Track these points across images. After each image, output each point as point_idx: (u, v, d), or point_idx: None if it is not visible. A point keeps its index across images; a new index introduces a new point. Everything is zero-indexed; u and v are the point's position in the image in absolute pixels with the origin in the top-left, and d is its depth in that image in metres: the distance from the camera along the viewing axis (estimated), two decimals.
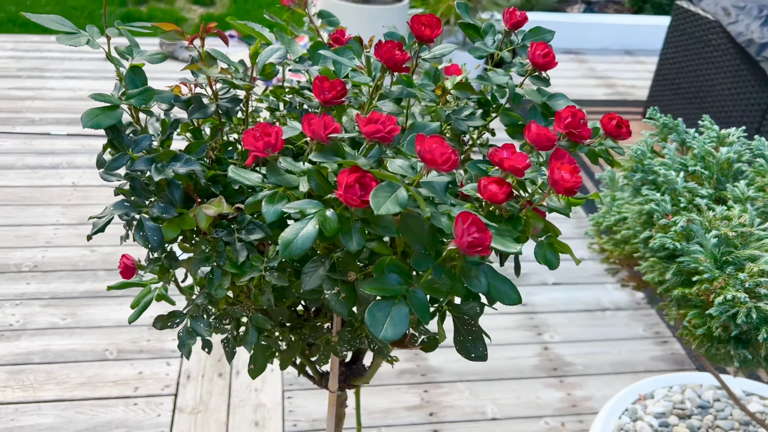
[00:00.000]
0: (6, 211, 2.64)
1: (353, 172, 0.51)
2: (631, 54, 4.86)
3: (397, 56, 0.61)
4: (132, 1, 5.34)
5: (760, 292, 0.70)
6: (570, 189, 0.55)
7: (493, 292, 0.55)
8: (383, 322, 0.51)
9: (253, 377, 0.75)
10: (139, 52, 0.65)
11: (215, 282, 0.64)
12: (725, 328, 0.73)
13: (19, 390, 1.89)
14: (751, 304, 0.69)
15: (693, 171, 0.83)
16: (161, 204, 0.62)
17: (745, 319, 0.69)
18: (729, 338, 0.74)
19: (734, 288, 0.69)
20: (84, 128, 0.61)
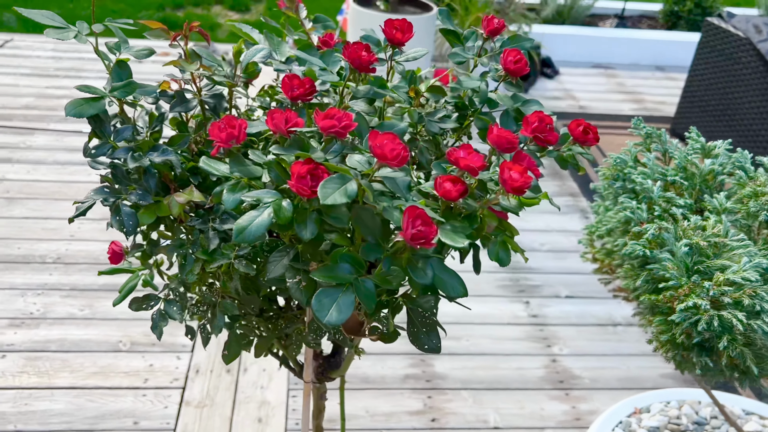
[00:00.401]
0: (35, 204, 2.74)
1: (306, 164, 0.54)
2: (662, 70, 4.81)
3: (363, 57, 0.64)
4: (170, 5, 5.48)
5: (724, 301, 0.70)
6: (518, 188, 0.57)
7: (440, 284, 0.57)
8: (329, 308, 0.54)
9: (227, 362, 0.78)
10: (126, 47, 0.69)
11: (187, 267, 0.67)
12: (688, 335, 0.73)
13: (34, 376, 1.95)
14: (713, 312, 0.69)
15: (672, 181, 0.84)
16: (139, 191, 0.66)
17: (706, 327, 0.69)
18: (692, 345, 0.74)
19: (698, 296, 0.70)
20: (66, 116, 0.65)
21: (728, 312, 0.68)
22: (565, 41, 4.70)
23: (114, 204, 0.65)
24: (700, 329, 0.69)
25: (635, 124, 0.93)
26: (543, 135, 0.69)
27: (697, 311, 0.70)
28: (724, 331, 0.70)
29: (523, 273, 2.60)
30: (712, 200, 0.80)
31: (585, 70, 4.70)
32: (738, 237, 0.75)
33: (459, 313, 2.35)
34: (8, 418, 1.81)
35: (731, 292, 0.69)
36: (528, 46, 0.79)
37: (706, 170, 0.85)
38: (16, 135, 3.27)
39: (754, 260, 0.71)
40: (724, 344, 0.69)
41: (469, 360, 2.16)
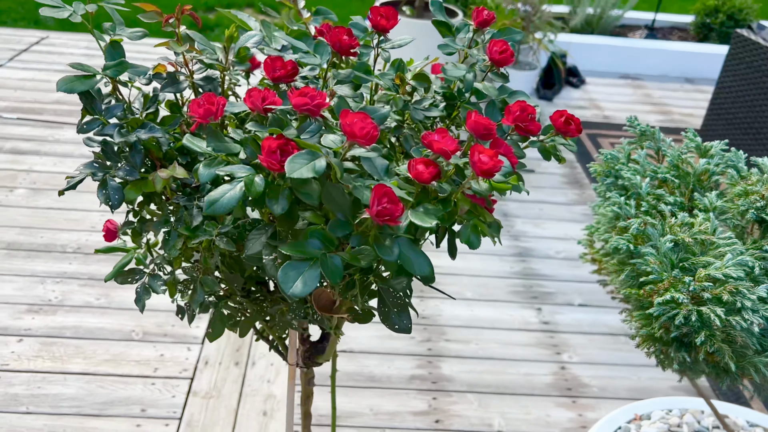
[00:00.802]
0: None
1: (277, 139, 0.55)
2: (691, 82, 4.74)
3: (344, 41, 0.65)
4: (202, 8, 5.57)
5: (705, 296, 0.69)
6: (487, 171, 0.58)
7: (406, 262, 0.57)
8: (294, 280, 0.55)
9: (211, 340, 0.80)
10: (121, 29, 0.71)
11: (170, 243, 0.69)
12: (666, 330, 0.72)
13: (48, 360, 2.00)
14: (691, 307, 0.69)
15: (664, 179, 0.84)
16: (127, 167, 0.68)
17: (684, 321, 0.69)
18: (671, 340, 0.73)
19: (678, 290, 0.69)
20: (57, 91, 0.68)
21: (707, 308, 0.67)
22: (593, 51, 4.67)
23: (102, 178, 0.68)
24: (677, 323, 0.68)
25: (629, 122, 0.93)
26: (524, 124, 0.69)
27: (676, 305, 0.69)
28: (703, 326, 0.69)
29: (536, 279, 2.58)
30: (702, 199, 0.80)
31: (612, 80, 4.66)
32: (725, 235, 0.74)
33: (469, 317, 2.35)
34: (21, 400, 1.86)
35: (711, 288, 0.69)
36: (517, 39, 0.80)
37: (701, 169, 0.84)
38: (45, 128, 3.36)
39: (738, 257, 0.70)
40: (702, 339, 0.69)
41: (477, 364, 2.15)
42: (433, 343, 2.22)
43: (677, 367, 0.76)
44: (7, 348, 2.03)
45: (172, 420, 1.85)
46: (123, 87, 0.73)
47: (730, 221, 0.82)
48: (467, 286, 2.51)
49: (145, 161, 0.73)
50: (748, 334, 0.70)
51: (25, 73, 3.95)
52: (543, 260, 2.71)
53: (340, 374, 2.05)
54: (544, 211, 3.05)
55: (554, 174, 3.39)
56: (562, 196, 3.19)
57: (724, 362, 0.70)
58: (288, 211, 0.62)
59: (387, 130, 0.77)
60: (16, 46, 4.35)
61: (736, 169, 0.84)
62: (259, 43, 0.77)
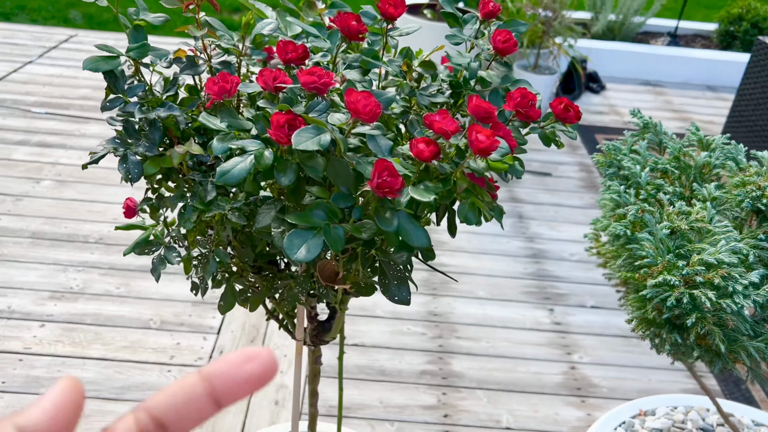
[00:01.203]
0: (84, 187, 2.88)
1: (286, 115, 0.59)
2: (713, 90, 4.72)
3: (353, 26, 0.69)
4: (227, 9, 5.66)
5: (697, 280, 0.71)
6: (484, 150, 0.61)
7: (404, 233, 0.61)
8: (299, 247, 0.58)
9: (222, 313, 0.84)
10: (144, 13, 0.75)
11: (185, 216, 0.73)
12: (659, 312, 0.74)
13: (69, 345, 2.06)
14: (684, 290, 0.71)
15: (664, 170, 0.86)
16: (146, 144, 0.72)
17: (675, 303, 0.71)
18: (663, 322, 0.75)
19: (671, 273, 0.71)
20: (83, 70, 0.72)
21: (699, 291, 0.69)
22: (615, 57, 4.67)
23: (123, 153, 0.72)
24: (669, 305, 0.71)
25: (633, 114, 0.95)
26: (524, 110, 0.72)
27: (669, 288, 0.72)
28: (694, 309, 0.71)
29: (549, 281, 2.60)
30: (701, 190, 0.82)
31: (633, 86, 4.65)
32: (722, 224, 0.76)
33: (481, 315, 2.37)
34: (41, 382, 1.92)
35: (704, 273, 0.71)
36: (522, 30, 0.83)
37: (702, 162, 0.86)
38: (71, 123, 3.44)
39: (731, 244, 0.72)
40: (692, 321, 0.71)
41: (487, 361, 2.18)
42: (444, 340, 2.24)
43: (669, 348, 0.78)
44: (29, 332, 2.09)
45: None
46: (145, 69, 0.78)
47: (729, 212, 0.83)
48: (480, 286, 2.53)
49: (164, 140, 0.77)
50: (739, 317, 0.72)
51: (53, 69, 4.05)
52: (557, 262, 2.72)
53: (352, 367, 2.08)
54: (560, 214, 3.06)
55: (572, 178, 3.40)
56: (578, 199, 3.20)
57: (715, 345, 0.72)
58: (295, 185, 0.65)
59: (394, 116, 0.80)
60: (46, 44, 4.46)
61: (735, 161, 0.86)
62: (274, 30, 0.81)
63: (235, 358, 0.29)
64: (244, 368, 0.29)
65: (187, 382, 0.29)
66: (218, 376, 0.29)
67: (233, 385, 0.29)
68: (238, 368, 0.29)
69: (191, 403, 0.28)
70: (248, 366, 0.29)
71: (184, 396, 0.28)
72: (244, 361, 0.29)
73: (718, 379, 2.20)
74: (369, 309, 2.34)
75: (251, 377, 0.29)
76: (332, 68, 0.74)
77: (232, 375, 0.29)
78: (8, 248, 2.45)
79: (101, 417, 1.82)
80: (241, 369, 0.29)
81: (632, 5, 4.79)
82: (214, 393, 0.29)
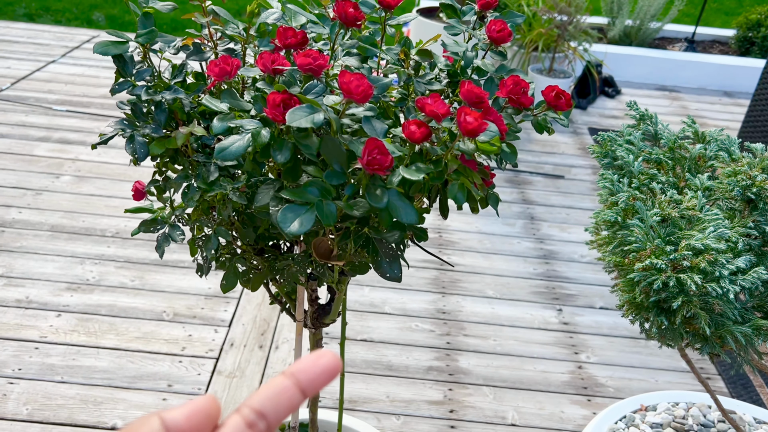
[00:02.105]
0: (102, 183, 2.94)
1: (282, 95, 0.62)
2: (730, 96, 4.70)
3: (350, 12, 0.72)
4: None
5: (684, 264, 0.73)
6: (471, 131, 0.63)
7: (394, 210, 0.63)
8: (292, 221, 0.61)
9: (224, 291, 0.87)
10: (153, 1, 0.79)
11: (189, 195, 0.76)
12: (647, 295, 0.76)
13: (84, 335, 2.11)
14: (670, 273, 0.73)
15: (658, 160, 0.87)
16: (152, 125, 0.76)
17: (661, 286, 0.72)
18: (651, 305, 0.77)
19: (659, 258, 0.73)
20: (93, 53, 0.76)
21: (686, 275, 0.71)
22: (630, 62, 4.66)
23: (130, 134, 0.75)
24: (656, 288, 0.72)
25: (629, 106, 0.97)
26: (517, 97, 0.75)
27: (656, 272, 0.73)
28: (681, 292, 0.73)
29: (559, 282, 2.61)
30: (693, 180, 0.83)
31: (649, 91, 4.64)
32: (713, 212, 0.78)
33: (489, 314, 2.38)
34: (56, 370, 1.97)
35: (691, 258, 0.72)
36: (519, 22, 0.85)
37: (696, 153, 0.88)
38: (92, 121, 3.51)
39: (719, 231, 0.73)
40: (678, 304, 0.72)
41: (494, 359, 2.19)
42: (452, 337, 2.26)
43: (656, 331, 0.79)
44: (46, 322, 2.14)
45: (196, 396, 1.92)
46: (154, 55, 0.81)
47: (724, 203, 0.85)
48: (489, 285, 2.55)
49: (170, 123, 0.81)
50: (726, 302, 0.74)
51: (75, 69, 4.14)
52: (567, 263, 2.73)
53: (360, 361, 2.11)
54: (571, 216, 3.07)
55: (584, 181, 3.41)
56: (590, 202, 3.21)
57: (701, 328, 0.74)
58: (292, 165, 0.68)
59: (393, 103, 0.83)
60: (69, 44, 4.55)
61: (728, 152, 0.88)
62: (278, 19, 0.84)
63: (310, 357, 0.37)
64: (319, 362, 0.36)
65: (277, 380, 0.36)
66: (301, 371, 0.36)
67: (314, 376, 0.36)
68: (314, 363, 0.36)
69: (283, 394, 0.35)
70: (321, 361, 0.36)
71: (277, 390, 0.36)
72: (317, 358, 0.36)
73: (725, 381, 2.19)
74: (378, 306, 2.37)
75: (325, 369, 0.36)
76: (331, 55, 0.77)
77: (312, 369, 0.36)
78: (28, 240, 2.51)
79: (113, 405, 1.87)
80: (317, 363, 0.36)
81: (649, 10, 4.78)
82: (299, 384, 0.36)
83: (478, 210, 0.80)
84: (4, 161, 3.05)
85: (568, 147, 3.76)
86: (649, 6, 4.79)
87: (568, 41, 3.83)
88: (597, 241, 1.18)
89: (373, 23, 0.82)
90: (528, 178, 3.40)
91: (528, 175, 3.42)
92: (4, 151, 3.15)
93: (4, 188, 2.84)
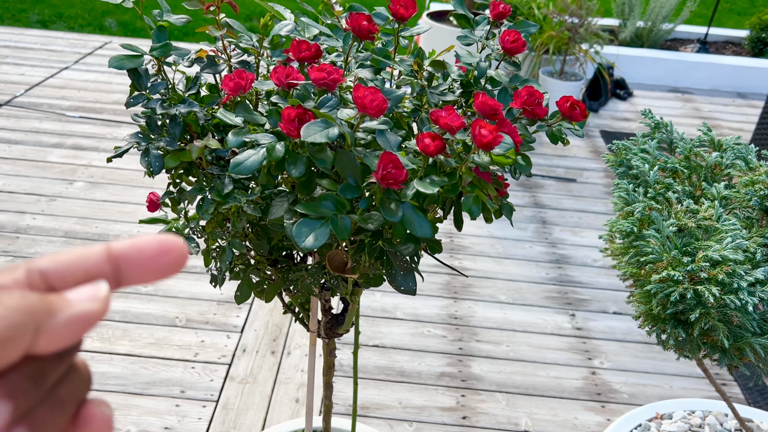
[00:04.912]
0: (115, 189, 2.96)
1: (296, 109, 0.62)
2: (743, 97, 4.66)
3: (364, 26, 0.72)
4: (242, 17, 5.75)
5: (702, 276, 0.72)
6: (486, 144, 0.63)
7: (409, 224, 0.63)
8: (307, 235, 0.61)
9: (238, 302, 0.87)
10: (167, 15, 0.79)
11: (204, 208, 0.76)
12: (664, 307, 0.75)
13: (97, 341, 2.12)
14: (688, 285, 0.72)
15: (674, 168, 0.87)
16: (167, 138, 0.76)
17: (679, 298, 0.72)
18: (668, 317, 0.76)
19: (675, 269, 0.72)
20: (109, 68, 0.76)
21: (703, 287, 0.70)
22: (642, 64, 4.64)
23: (145, 148, 0.75)
24: (673, 300, 0.71)
25: (644, 114, 0.97)
26: (531, 108, 0.74)
27: (673, 283, 0.73)
28: (698, 304, 0.72)
29: (571, 286, 2.59)
30: (710, 189, 0.82)
31: (661, 93, 4.61)
32: (730, 222, 0.77)
33: (501, 319, 2.37)
34: None
35: (709, 269, 0.72)
36: (533, 32, 0.85)
37: (712, 162, 0.87)
38: (104, 126, 3.54)
39: (737, 241, 0.73)
40: (696, 316, 0.71)
41: (507, 365, 2.18)
42: (464, 343, 2.25)
43: (673, 343, 0.78)
44: None
45: (209, 402, 1.93)
46: (169, 70, 0.81)
47: (741, 212, 0.84)
48: (502, 290, 2.54)
49: (185, 136, 0.81)
50: (744, 314, 0.73)
51: (88, 75, 4.17)
52: (579, 268, 2.71)
53: (372, 367, 2.11)
54: (583, 220, 3.05)
55: (596, 184, 3.39)
56: (602, 205, 3.19)
57: (720, 340, 0.73)
58: (306, 178, 0.68)
59: (406, 114, 0.83)
60: (82, 50, 4.58)
61: (745, 161, 0.87)
62: (291, 31, 0.84)
63: (149, 247, 0.28)
64: (158, 260, 0.28)
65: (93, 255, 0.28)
66: (127, 261, 0.27)
67: (141, 273, 0.28)
68: (151, 259, 0.28)
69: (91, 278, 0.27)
70: (162, 259, 0.28)
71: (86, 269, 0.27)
72: (158, 253, 0.28)
73: (741, 388, 2.17)
74: (390, 311, 2.37)
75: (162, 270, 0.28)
76: (345, 67, 0.77)
77: (144, 264, 0.28)
78: (42, 246, 2.53)
79: (127, 411, 1.87)
80: (155, 260, 0.28)
81: (661, 12, 4.76)
82: (117, 274, 0.28)
83: (492, 220, 0.80)
84: (18, 167, 3.08)
85: (580, 150, 3.75)
86: (661, 7, 4.76)
87: (579, 43, 3.81)
88: (611, 249, 1.17)
89: (385, 35, 0.82)
90: (539, 181, 3.39)
91: (539, 179, 3.41)
92: (18, 157, 3.17)
93: (19, 194, 2.87)
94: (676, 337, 0.77)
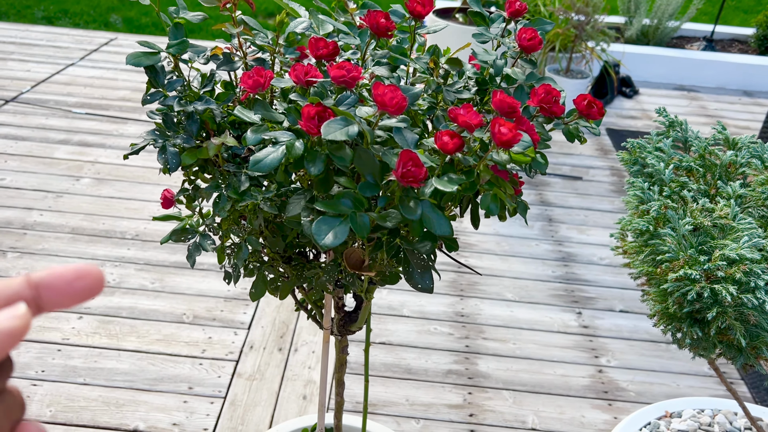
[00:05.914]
0: (122, 185, 2.96)
1: (316, 107, 0.62)
2: (750, 95, 4.65)
3: (382, 23, 0.72)
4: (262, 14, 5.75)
5: (718, 275, 0.72)
6: (506, 142, 0.63)
7: (427, 222, 0.63)
8: (326, 233, 0.61)
9: (253, 299, 0.87)
10: (184, 12, 0.79)
11: (220, 205, 0.76)
12: (680, 306, 0.75)
13: (105, 337, 2.12)
14: (704, 284, 0.72)
15: (688, 167, 0.86)
16: (184, 135, 0.76)
17: (695, 297, 0.72)
18: (684, 316, 0.76)
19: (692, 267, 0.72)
20: (126, 64, 0.76)
21: (720, 285, 0.70)
22: (648, 62, 4.63)
23: (162, 145, 0.76)
24: (690, 299, 0.71)
25: (658, 112, 0.96)
26: (548, 106, 0.74)
27: (690, 282, 0.72)
28: (715, 303, 0.72)
29: (578, 284, 2.59)
30: (726, 188, 0.82)
31: (667, 91, 4.60)
32: (746, 221, 0.77)
33: (508, 317, 2.37)
34: (79, 371, 1.98)
35: (725, 268, 0.72)
36: (548, 29, 0.85)
37: (727, 160, 0.87)
38: (111, 123, 3.54)
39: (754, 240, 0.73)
40: (713, 314, 0.71)
41: (513, 363, 2.18)
42: (471, 341, 2.26)
43: (689, 342, 0.78)
44: (68, 324, 2.16)
45: (216, 398, 1.94)
46: (184, 65, 0.81)
47: (756, 210, 0.84)
48: (508, 288, 2.54)
49: (201, 133, 0.81)
50: (761, 313, 0.73)
51: (94, 72, 4.17)
52: (586, 266, 2.71)
53: (379, 365, 2.11)
54: (590, 218, 3.05)
55: (602, 182, 3.39)
56: (608, 203, 3.18)
57: (736, 339, 0.73)
58: (324, 176, 0.68)
59: (421, 112, 0.83)
60: (87, 47, 4.59)
61: (761, 159, 0.87)
62: (307, 29, 0.84)
63: (66, 273, 0.30)
64: (74, 285, 0.30)
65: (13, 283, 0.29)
66: (47, 287, 0.29)
67: (60, 297, 0.30)
68: (68, 284, 0.29)
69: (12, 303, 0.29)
70: (79, 283, 0.30)
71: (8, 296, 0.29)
72: (75, 278, 0.30)
73: (749, 386, 2.17)
74: (396, 308, 2.37)
75: (79, 294, 0.30)
76: (361, 64, 0.77)
77: (62, 289, 0.29)
78: (49, 243, 2.54)
79: (135, 407, 1.88)
80: (72, 285, 0.30)
81: (667, 9, 4.74)
82: (38, 300, 0.29)
83: (506, 218, 0.80)
84: (25, 164, 3.08)
85: (586, 148, 3.74)
86: (667, 5, 4.75)
87: (585, 41, 3.80)
88: (623, 247, 1.17)
89: (401, 32, 0.82)
90: (546, 179, 3.39)
91: (546, 177, 3.41)
92: (25, 153, 3.18)
93: (26, 191, 2.87)
94: (692, 336, 0.77)
